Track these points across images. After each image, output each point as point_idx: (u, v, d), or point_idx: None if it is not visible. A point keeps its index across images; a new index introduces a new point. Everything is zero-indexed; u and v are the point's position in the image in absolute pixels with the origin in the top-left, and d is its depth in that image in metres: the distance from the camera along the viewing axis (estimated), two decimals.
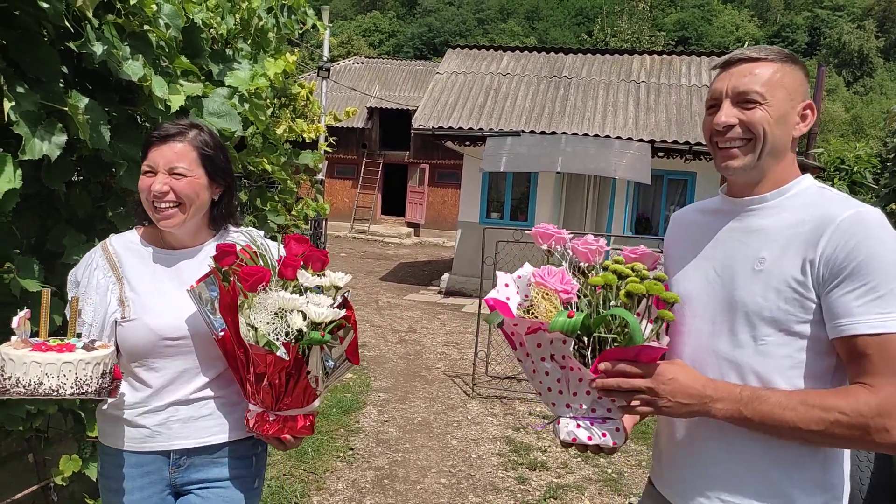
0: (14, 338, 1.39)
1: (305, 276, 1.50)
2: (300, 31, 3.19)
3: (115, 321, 1.58)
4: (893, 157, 9.90)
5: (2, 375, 1.32)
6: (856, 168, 10.78)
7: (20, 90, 1.61)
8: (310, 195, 4.31)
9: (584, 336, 1.27)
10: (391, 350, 7.52)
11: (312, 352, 1.47)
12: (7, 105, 1.57)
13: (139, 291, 1.60)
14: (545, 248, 1.46)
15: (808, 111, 1.31)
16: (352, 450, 4.57)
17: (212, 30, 2.50)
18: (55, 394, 1.32)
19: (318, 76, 10.41)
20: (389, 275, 13.68)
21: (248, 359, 1.46)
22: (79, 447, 2.28)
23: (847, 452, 1.30)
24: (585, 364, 1.28)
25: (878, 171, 11.03)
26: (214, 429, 1.64)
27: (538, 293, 1.32)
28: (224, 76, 2.39)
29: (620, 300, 1.28)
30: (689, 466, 1.36)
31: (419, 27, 55.39)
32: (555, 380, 1.35)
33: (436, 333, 8.55)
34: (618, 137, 10.87)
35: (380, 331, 8.47)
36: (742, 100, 1.29)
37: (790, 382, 1.23)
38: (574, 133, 10.98)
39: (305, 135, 3.69)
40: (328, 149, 4.53)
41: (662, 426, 1.47)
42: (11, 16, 1.68)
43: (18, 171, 1.61)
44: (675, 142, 10.66)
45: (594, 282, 1.29)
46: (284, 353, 1.42)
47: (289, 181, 3.35)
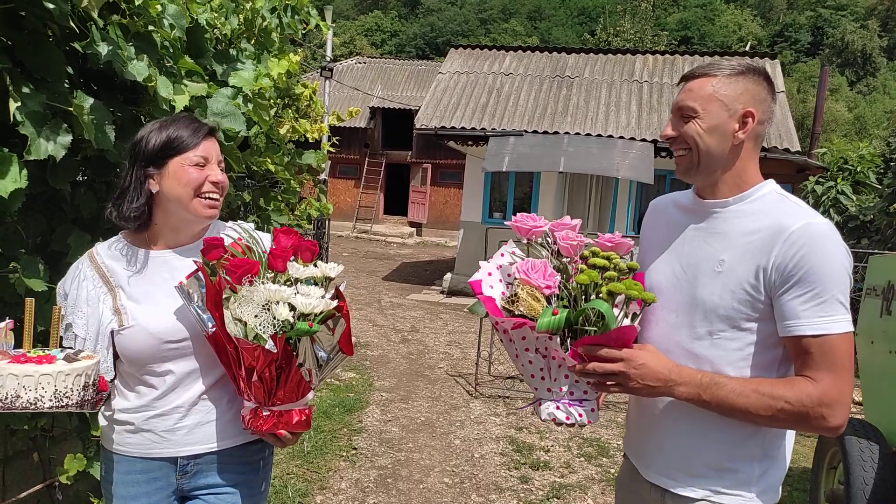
0: None
1: (296, 268, 1.48)
2: (303, 32, 3.19)
3: (112, 331, 1.55)
4: None
5: None
6: (859, 168, 10.74)
7: (26, 90, 1.62)
8: (313, 195, 4.31)
9: (565, 328, 1.39)
10: (394, 350, 7.53)
11: (302, 343, 1.46)
12: (13, 105, 1.58)
13: (135, 298, 1.57)
14: (524, 241, 1.53)
15: (749, 118, 1.41)
16: (355, 449, 4.57)
17: (216, 30, 2.51)
18: (33, 407, 1.29)
19: (321, 76, 10.41)
20: (392, 274, 13.69)
21: (239, 354, 1.44)
22: (84, 446, 2.29)
23: (790, 431, 1.47)
24: (565, 349, 1.39)
25: (882, 171, 10.99)
26: (222, 433, 1.61)
27: (523, 290, 1.40)
28: (228, 76, 2.40)
29: (602, 297, 1.38)
30: (649, 440, 1.53)
31: (421, 27, 55.40)
32: (538, 367, 1.48)
33: (438, 333, 8.56)
34: (620, 137, 10.87)
35: (382, 330, 8.48)
36: (681, 114, 1.44)
37: (739, 372, 1.39)
38: (577, 133, 10.98)
39: (308, 135, 3.69)
40: (331, 149, 4.53)
41: (634, 406, 1.63)
42: (17, 16, 1.69)
43: (24, 171, 1.61)
44: None
45: (581, 281, 1.38)
46: (272, 346, 1.39)
47: (292, 181, 3.35)
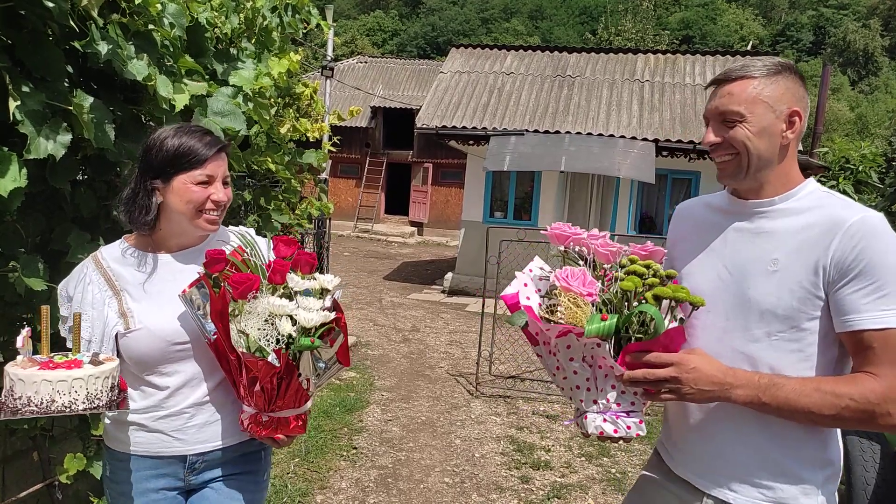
0: (19, 357, 1.39)
1: (295, 280, 1.51)
2: (304, 31, 3.19)
3: (117, 334, 1.57)
4: None
5: (12, 396, 1.32)
6: (861, 167, 10.73)
7: (25, 89, 1.62)
8: (314, 194, 4.31)
9: (613, 335, 1.36)
10: (395, 349, 7.53)
11: (303, 356, 1.49)
12: (12, 104, 1.58)
13: (141, 300, 1.59)
14: (561, 249, 1.51)
15: (796, 117, 1.38)
16: (355, 449, 4.57)
17: (216, 29, 2.50)
18: (68, 410, 1.33)
19: (322, 75, 10.40)
20: (393, 274, 13.68)
21: (241, 363, 1.48)
22: (83, 446, 2.29)
23: (838, 430, 1.43)
24: (614, 356, 1.36)
25: (884, 171, 10.98)
26: (229, 430, 1.66)
27: (566, 298, 1.38)
28: (228, 75, 2.39)
29: (647, 301, 1.35)
30: (704, 450, 1.46)
31: (423, 26, 55.38)
32: (584, 378, 1.43)
33: (439, 332, 8.56)
34: (622, 136, 10.85)
35: (383, 330, 8.48)
36: (724, 119, 1.40)
37: (799, 373, 1.34)
38: (578, 132, 10.96)
39: (309, 134, 3.68)
40: (332, 148, 4.52)
41: (674, 412, 1.56)
42: (17, 15, 1.68)
43: (23, 170, 1.61)
44: (679, 141, 10.64)
45: (625, 287, 1.35)
46: (275, 360, 1.43)
47: (292, 180, 3.35)
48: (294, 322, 1.45)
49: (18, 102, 1.59)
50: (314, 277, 1.54)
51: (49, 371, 1.33)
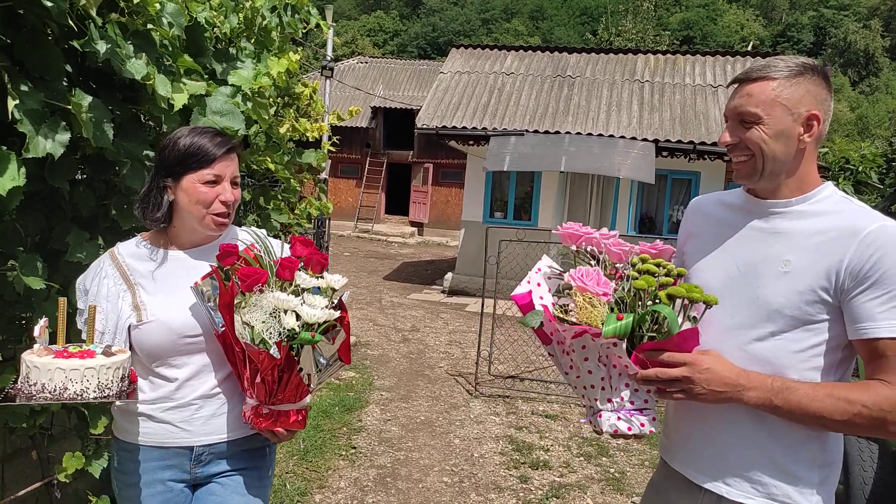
0: (36, 346, 1.45)
1: (303, 278, 1.55)
2: (304, 31, 3.19)
3: (130, 326, 1.62)
4: None
5: (27, 382, 1.38)
6: (861, 168, 10.74)
7: (24, 88, 1.62)
8: (313, 194, 4.31)
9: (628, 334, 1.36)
10: (394, 349, 7.53)
11: (304, 351, 1.52)
12: (11, 103, 1.58)
13: (154, 294, 1.64)
14: (573, 249, 1.52)
15: (814, 121, 1.37)
16: (354, 448, 4.57)
17: (215, 29, 2.51)
18: (79, 398, 1.38)
19: (322, 75, 10.41)
20: (393, 274, 13.69)
21: (245, 354, 1.51)
22: (82, 444, 2.29)
23: (840, 434, 1.43)
24: (628, 355, 1.36)
25: (884, 171, 10.98)
26: (235, 424, 1.69)
27: (581, 297, 1.38)
28: (227, 75, 2.39)
29: (660, 300, 1.36)
30: (704, 445, 1.47)
31: (423, 27, 55.37)
32: (598, 377, 1.44)
33: (439, 332, 8.56)
34: (622, 137, 10.86)
35: (383, 330, 8.48)
36: (741, 119, 1.39)
37: (800, 374, 1.35)
38: (578, 132, 10.97)
39: (309, 134, 3.69)
40: (331, 148, 4.53)
41: (675, 413, 1.57)
42: (16, 15, 1.69)
43: (22, 169, 1.61)
44: (679, 141, 10.63)
45: (639, 286, 1.36)
46: (276, 352, 1.47)
47: (292, 180, 3.35)
48: (298, 317, 1.48)
49: (17, 101, 1.59)
50: (322, 277, 1.58)
51: (63, 360, 1.38)
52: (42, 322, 1.47)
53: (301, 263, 1.59)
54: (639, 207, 11.87)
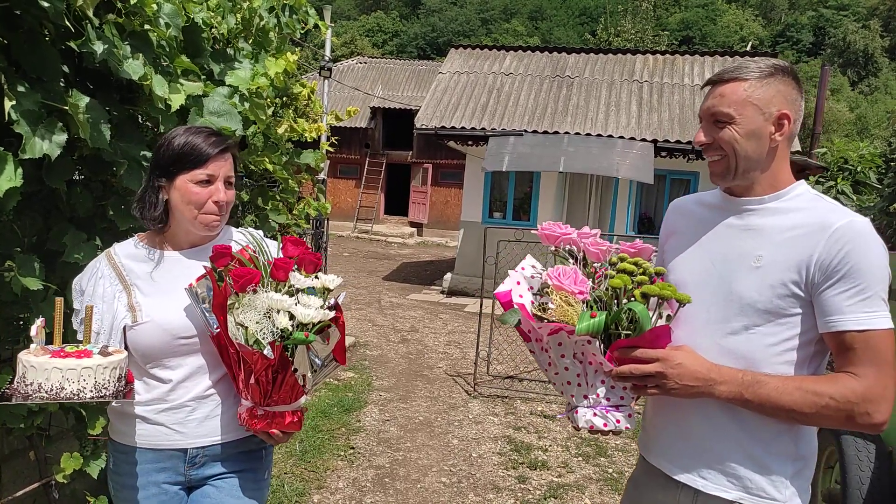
0: (32, 346, 1.45)
1: (297, 278, 1.54)
2: (302, 31, 3.19)
3: (125, 327, 1.61)
4: None
5: (24, 382, 1.38)
6: (860, 168, 10.74)
7: (21, 89, 1.62)
8: (312, 195, 4.31)
9: (602, 331, 1.39)
10: (393, 349, 7.53)
11: (298, 351, 1.51)
12: (8, 104, 1.58)
13: (149, 295, 1.64)
14: (552, 249, 1.54)
15: (785, 120, 1.41)
16: (353, 448, 4.58)
17: (213, 29, 2.51)
18: (76, 398, 1.38)
19: (320, 75, 10.40)
20: (392, 274, 13.69)
21: (239, 356, 1.51)
22: (80, 445, 2.29)
23: (814, 428, 1.46)
24: (602, 353, 1.39)
25: (883, 171, 10.98)
26: (229, 426, 1.68)
27: (557, 296, 1.40)
28: (225, 75, 2.40)
29: (635, 299, 1.38)
30: (681, 442, 1.49)
31: (422, 27, 55.36)
32: (574, 374, 1.46)
33: (438, 333, 8.56)
34: (620, 137, 10.86)
35: (382, 330, 8.48)
36: (714, 120, 1.43)
37: (773, 368, 1.38)
38: (577, 133, 10.97)
39: (307, 134, 3.69)
40: (330, 148, 4.53)
41: (652, 408, 1.60)
42: (13, 15, 1.69)
43: (19, 170, 1.62)
44: (678, 141, 10.65)
45: (615, 284, 1.38)
46: (270, 352, 1.46)
47: (290, 180, 3.35)
48: (292, 317, 1.48)
49: (14, 102, 1.59)
50: (317, 277, 1.57)
51: (60, 359, 1.39)
52: (39, 322, 1.47)
53: (295, 264, 1.58)
54: (638, 207, 11.88)
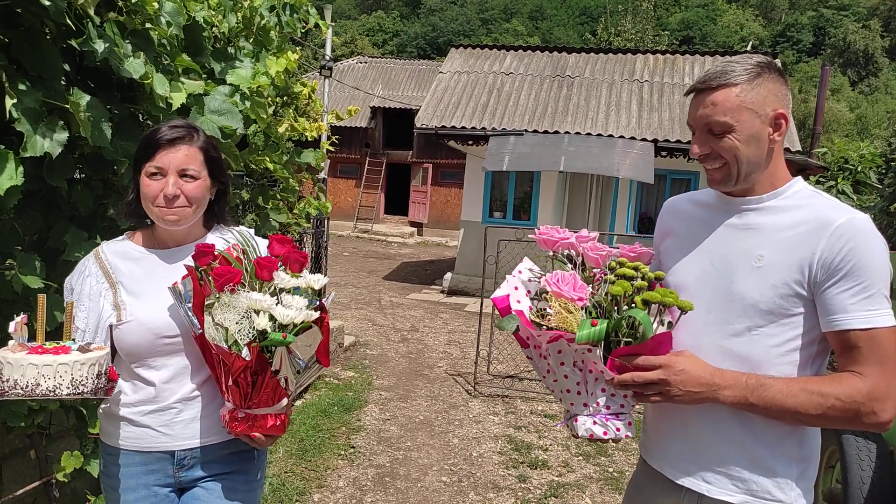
0: (11, 342, 1.43)
1: (282, 278, 1.51)
2: (303, 31, 3.19)
3: (111, 325, 1.60)
4: None
5: (0, 378, 1.36)
6: (860, 168, 10.73)
7: (22, 87, 1.62)
8: (312, 194, 4.31)
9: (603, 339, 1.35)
10: (393, 349, 7.53)
11: (277, 353, 1.47)
12: (9, 102, 1.58)
13: (135, 293, 1.62)
14: (550, 254, 1.51)
15: (782, 119, 1.37)
16: (353, 448, 4.58)
17: (213, 28, 2.51)
18: (52, 394, 1.36)
19: (321, 75, 10.40)
20: (392, 274, 13.69)
21: (220, 357, 1.49)
22: (80, 444, 2.29)
23: (817, 429, 1.44)
24: (603, 361, 1.36)
25: (883, 171, 10.97)
26: (217, 427, 1.65)
27: (556, 303, 1.37)
28: (226, 74, 2.39)
29: (636, 305, 1.35)
30: (684, 446, 1.47)
31: (423, 27, 55.36)
32: (574, 382, 1.43)
33: (438, 332, 8.56)
34: (621, 137, 10.86)
35: (382, 329, 8.48)
36: (709, 130, 1.38)
37: (777, 369, 1.36)
38: (577, 132, 10.97)
39: (307, 133, 3.69)
40: (330, 148, 4.53)
41: (654, 412, 1.57)
42: (14, 13, 1.69)
43: (20, 168, 1.61)
44: (679, 141, 10.65)
45: (615, 292, 1.35)
46: (247, 353, 1.44)
47: (291, 179, 3.35)
48: (273, 318, 1.45)
49: (15, 100, 1.59)
50: (302, 276, 1.54)
51: (36, 356, 1.36)
52: (19, 318, 1.44)
53: (280, 263, 1.54)
54: (638, 207, 11.88)
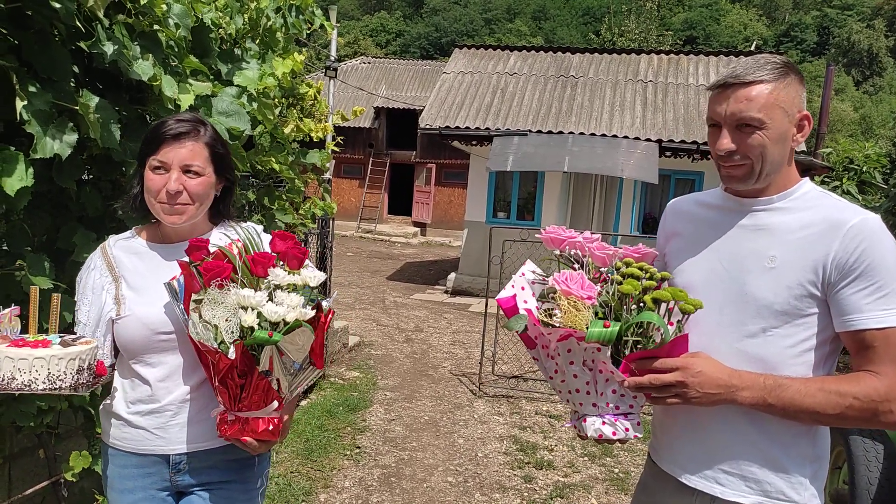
0: None
1: (277, 274, 1.45)
2: (308, 31, 3.20)
3: (112, 319, 1.59)
4: None
5: None
6: (865, 168, 10.72)
7: (32, 89, 1.63)
8: (317, 194, 4.32)
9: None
10: (398, 349, 7.54)
11: (264, 352, 1.41)
12: (19, 104, 1.59)
13: (136, 288, 1.61)
14: (556, 253, 1.50)
15: (805, 122, 1.38)
16: (358, 448, 4.58)
17: (221, 30, 2.52)
18: (27, 389, 1.32)
19: (326, 76, 10.43)
20: (396, 274, 13.69)
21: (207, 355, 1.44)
22: (89, 444, 2.30)
23: (828, 428, 1.44)
24: (616, 363, 1.35)
25: (888, 171, 10.96)
26: (211, 433, 1.59)
27: (565, 301, 1.36)
28: (233, 75, 2.41)
29: (645, 304, 1.34)
30: (696, 448, 1.46)
31: (426, 27, 55.39)
32: (583, 382, 1.42)
33: (442, 332, 8.56)
34: (625, 137, 10.85)
35: (386, 330, 8.49)
36: (741, 125, 1.36)
37: (791, 370, 1.36)
38: (581, 132, 10.96)
39: (313, 134, 3.69)
40: (335, 148, 4.54)
41: (662, 411, 1.56)
42: (24, 16, 1.70)
43: (30, 170, 1.63)
44: (683, 141, 10.63)
45: (625, 290, 1.35)
46: (233, 352, 1.38)
47: (296, 180, 3.36)
48: (262, 315, 1.39)
49: (25, 102, 1.60)
50: (298, 273, 1.49)
51: (15, 349, 1.33)
52: (7, 310, 1.41)
53: (278, 259, 1.49)
54: (642, 208, 11.86)
